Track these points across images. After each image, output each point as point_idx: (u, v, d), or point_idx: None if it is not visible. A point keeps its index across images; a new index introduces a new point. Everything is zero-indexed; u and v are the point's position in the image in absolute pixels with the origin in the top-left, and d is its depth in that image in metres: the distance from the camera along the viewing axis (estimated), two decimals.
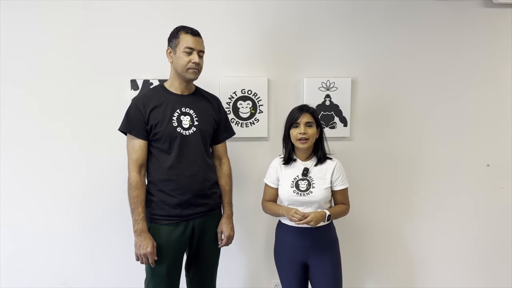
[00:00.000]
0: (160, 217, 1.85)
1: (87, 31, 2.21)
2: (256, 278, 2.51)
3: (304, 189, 1.89)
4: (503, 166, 2.53)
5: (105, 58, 2.23)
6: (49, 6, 2.17)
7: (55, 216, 2.31)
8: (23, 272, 2.33)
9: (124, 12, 2.22)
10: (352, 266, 2.51)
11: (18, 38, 2.17)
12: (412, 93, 2.44)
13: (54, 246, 2.33)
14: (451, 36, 2.41)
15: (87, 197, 2.31)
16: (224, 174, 2.03)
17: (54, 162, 2.27)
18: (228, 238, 1.99)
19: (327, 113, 2.38)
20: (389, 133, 2.46)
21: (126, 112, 1.87)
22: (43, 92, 2.22)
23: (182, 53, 1.80)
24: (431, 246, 2.56)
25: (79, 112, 2.26)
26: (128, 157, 1.85)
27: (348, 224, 2.37)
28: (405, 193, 2.52)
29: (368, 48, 2.38)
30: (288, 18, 2.32)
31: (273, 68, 2.35)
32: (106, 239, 2.36)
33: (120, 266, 2.37)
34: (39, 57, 2.20)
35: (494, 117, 2.49)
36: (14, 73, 2.20)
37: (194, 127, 1.87)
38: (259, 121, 2.35)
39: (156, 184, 1.85)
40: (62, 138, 2.26)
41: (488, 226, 2.56)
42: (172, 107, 1.84)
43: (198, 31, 1.86)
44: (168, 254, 1.85)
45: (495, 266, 2.60)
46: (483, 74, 2.45)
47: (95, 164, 2.30)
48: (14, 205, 2.28)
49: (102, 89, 2.25)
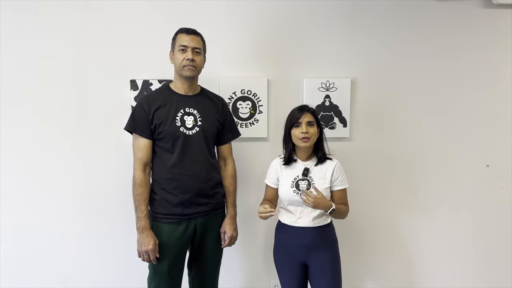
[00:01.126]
0: (162, 215, 1.88)
1: (87, 32, 2.21)
2: (256, 278, 2.51)
3: (304, 189, 1.89)
4: (503, 167, 2.53)
5: (105, 59, 2.24)
6: (49, 6, 2.17)
7: (55, 216, 2.31)
8: (23, 272, 2.34)
9: (124, 12, 2.22)
10: (351, 266, 2.51)
11: (17, 39, 2.18)
12: (411, 94, 2.44)
13: (54, 246, 2.34)
14: (451, 36, 2.41)
15: (87, 197, 2.32)
16: (229, 174, 2.05)
17: (53, 162, 2.27)
18: (231, 238, 2.01)
19: (326, 113, 2.38)
20: (389, 134, 2.46)
21: (131, 112, 1.93)
22: (43, 92, 2.22)
23: (177, 52, 1.86)
24: (430, 246, 2.56)
25: (79, 112, 2.26)
26: (133, 156, 1.88)
27: (348, 224, 2.37)
28: (404, 193, 2.52)
29: (368, 49, 2.39)
30: (288, 18, 2.32)
31: (272, 69, 2.35)
32: (106, 239, 2.36)
33: (120, 266, 2.38)
34: (39, 57, 2.20)
35: (494, 117, 2.49)
36: (14, 73, 2.20)
37: (198, 127, 1.89)
38: (258, 122, 2.35)
39: (159, 183, 1.88)
40: (62, 138, 2.27)
41: (488, 226, 2.56)
42: (176, 107, 1.88)
43: (194, 30, 1.89)
44: (170, 252, 1.87)
45: (495, 266, 2.60)
46: (483, 75, 2.45)
47: (95, 164, 2.30)
48: (14, 205, 2.28)
49: (101, 89, 2.26)
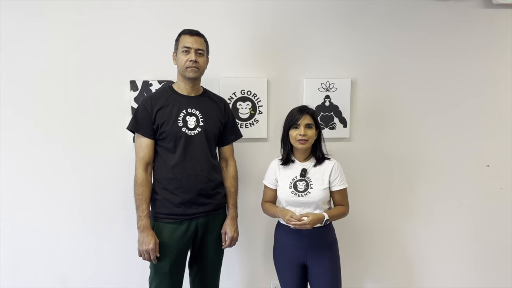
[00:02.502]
0: (164, 215, 1.89)
1: (87, 33, 2.22)
2: (255, 279, 2.51)
3: (302, 190, 1.89)
4: (503, 167, 2.53)
5: (105, 59, 2.24)
6: (49, 7, 2.18)
7: (55, 216, 2.31)
8: (23, 272, 2.34)
9: (124, 13, 2.22)
10: (351, 266, 2.51)
11: (18, 39, 2.18)
12: (411, 94, 2.44)
13: (54, 246, 2.34)
14: (451, 36, 2.41)
15: (87, 197, 2.32)
16: (230, 175, 2.06)
17: (53, 162, 2.28)
18: (232, 239, 2.01)
19: (326, 113, 2.38)
20: (389, 134, 2.46)
21: (134, 112, 1.95)
22: (43, 92, 2.23)
23: (180, 53, 1.87)
24: (430, 247, 2.56)
25: (78, 112, 2.26)
26: (135, 155, 1.90)
27: (347, 224, 2.37)
28: (404, 194, 2.52)
29: (368, 49, 2.39)
30: (288, 18, 2.32)
31: (272, 69, 2.35)
32: (106, 239, 2.36)
33: (121, 266, 2.38)
34: (39, 58, 2.20)
35: (494, 117, 2.49)
36: (14, 74, 2.20)
37: (199, 127, 1.90)
38: (258, 122, 2.35)
39: (161, 182, 1.89)
40: (62, 138, 2.27)
41: (488, 226, 2.56)
42: (178, 108, 1.89)
43: (197, 31, 1.90)
44: (171, 252, 1.88)
45: (495, 267, 2.60)
46: (483, 75, 2.45)
47: (95, 165, 2.30)
48: (14, 205, 2.28)
49: (101, 89, 2.26)
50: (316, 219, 1.79)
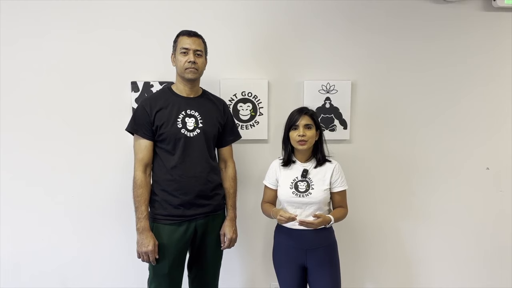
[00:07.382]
0: (163, 217, 1.88)
1: (88, 33, 2.22)
2: (255, 280, 2.51)
3: (303, 191, 1.90)
4: (503, 169, 2.53)
5: (106, 60, 2.24)
6: (49, 7, 2.18)
7: (55, 216, 2.31)
8: (23, 272, 2.34)
9: (125, 14, 2.23)
10: (350, 268, 2.51)
11: (18, 40, 2.18)
12: (412, 96, 2.44)
13: (54, 246, 2.34)
14: (451, 39, 2.42)
15: (87, 197, 2.32)
16: (229, 177, 2.06)
17: (53, 162, 2.28)
18: (231, 240, 2.01)
19: (327, 115, 2.38)
20: (389, 136, 2.46)
21: (133, 113, 1.94)
22: (43, 93, 2.23)
23: (179, 55, 1.86)
24: (429, 248, 2.56)
25: (79, 113, 2.26)
26: (134, 157, 1.89)
27: (347, 226, 2.37)
28: (404, 196, 2.52)
29: (369, 51, 2.39)
30: (289, 20, 2.33)
31: (273, 71, 2.35)
32: (106, 239, 2.36)
33: (120, 267, 2.38)
34: (39, 58, 2.21)
35: (494, 120, 2.49)
36: (14, 74, 2.20)
37: (199, 129, 1.90)
38: (259, 124, 2.36)
39: (160, 184, 1.89)
40: (62, 139, 2.27)
41: (488, 229, 2.56)
42: (177, 109, 1.89)
43: (195, 32, 1.90)
44: (170, 253, 1.88)
45: (494, 268, 2.60)
46: (483, 77, 2.46)
47: (96, 165, 2.30)
48: (14, 205, 2.29)
49: (103, 90, 2.26)
50: (324, 221, 1.81)
